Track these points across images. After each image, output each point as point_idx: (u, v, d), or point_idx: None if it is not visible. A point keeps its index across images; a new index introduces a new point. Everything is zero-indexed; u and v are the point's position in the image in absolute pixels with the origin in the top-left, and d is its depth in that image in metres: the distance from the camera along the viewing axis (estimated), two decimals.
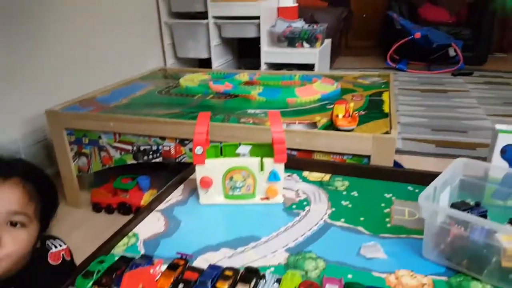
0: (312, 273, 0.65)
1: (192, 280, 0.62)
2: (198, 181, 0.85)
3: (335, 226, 0.77)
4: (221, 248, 0.73)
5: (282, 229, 0.77)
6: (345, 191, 0.90)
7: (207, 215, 0.85)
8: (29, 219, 0.72)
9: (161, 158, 1.70)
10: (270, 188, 0.84)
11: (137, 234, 0.79)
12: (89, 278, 0.64)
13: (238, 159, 0.84)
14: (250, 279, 0.61)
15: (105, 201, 1.94)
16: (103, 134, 1.74)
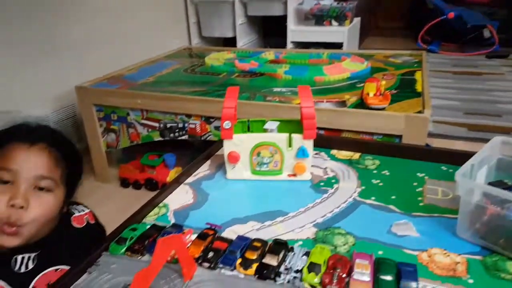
0: (341, 248, 0.64)
1: (222, 249, 0.63)
2: (226, 156, 0.85)
3: (365, 204, 0.76)
4: (248, 221, 0.73)
5: (309, 206, 0.77)
6: (376, 170, 0.89)
7: (234, 189, 0.85)
8: (55, 184, 0.73)
9: (187, 135, 1.72)
10: (298, 165, 0.83)
11: (167, 205, 0.80)
12: (122, 245, 0.66)
13: (266, 135, 0.83)
14: (278, 251, 0.61)
15: (132, 177, 1.99)
16: (131, 111, 1.76)
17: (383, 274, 0.55)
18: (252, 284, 0.57)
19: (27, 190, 0.70)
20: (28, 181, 0.70)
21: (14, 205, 0.67)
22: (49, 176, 0.72)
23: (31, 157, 0.71)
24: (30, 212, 0.69)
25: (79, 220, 0.82)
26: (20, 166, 0.69)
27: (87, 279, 0.59)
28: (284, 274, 0.58)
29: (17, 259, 0.71)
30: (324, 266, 0.58)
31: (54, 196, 0.73)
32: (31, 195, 0.70)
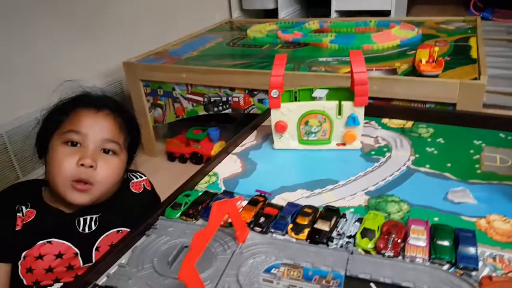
0: (395, 216, 0.63)
1: (273, 215, 0.64)
2: (273, 126, 0.85)
3: (419, 172, 0.74)
4: (297, 189, 0.73)
5: (360, 174, 0.75)
6: (430, 138, 0.85)
7: (282, 159, 0.86)
8: (120, 148, 0.77)
9: (230, 109, 1.73)
10: (348, 133, 0.82)
11: (217, 173, 0.82)
12: (177, 209, 0.68)
13: (314, 103, 0.82)
14: (330, 216, 0.61)
15: (178, 151, 2.04)
16: (176, 85, 1.79)
17: (440, 240, 0.54)
18: (305, 248, 0.58)
19: (95, 151, 0.74)
20: (96, 143, 0.74)
21: (83, 164, 0.72)
22: (114, 140, 0.76)
23: (98, 122, 0.75)
24: (99, 172, 0.74)
25: (137, 186, 0.86)
26: (88, 129, 0.74)
27: (146, 241, 0.62)
28: (337, 239, 0.58)
29: (80, 220, 0.76)
30: (378, 232, 0.57)
31: (119, 159, 0.78)
32: (98, 157, 0.74)
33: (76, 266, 0.74)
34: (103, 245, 0.76)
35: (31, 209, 0.76)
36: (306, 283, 0.52)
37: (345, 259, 0.54)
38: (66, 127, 0.75)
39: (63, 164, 0.72)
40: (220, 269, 0.55)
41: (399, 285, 0.50)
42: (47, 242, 0.73)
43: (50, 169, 0.74)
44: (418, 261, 0.53)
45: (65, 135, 0.74)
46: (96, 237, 0.76)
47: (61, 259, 0.73)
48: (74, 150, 0.73)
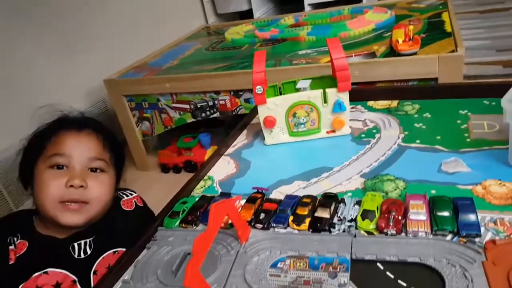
0: (393, 194, 0.63)
1: (272, 210, 0.64)
2: (262, 122, 0.85)
3: (410, 148, 0.75)
4: (294, 181, 0.73)
5: (353, 158, 0.76)
6: (417, 114, 0.86)
7: (275, 153, 0.86)
8: (107, 165, 0.77)
9: (218, 113, 1.73)
10: (336, 120, 0.82)
11: (212, 177, 0.81)
12: (175, 218, 0.68)
13: (299, 94, 0.82)
14: (329, 203, 0.61)
15: (171, 161, 2.03)
16: (160, 96, 1.79)
17: (440, 211, 0.54)
18: (308, 238, 0.57)
19: (83, 172, 0.73)
20: (82, 163, 0.73)
21: (73, 185, 0.71)
22: (100, 157, 0.75)
23: (81, 141, 0.75)
24: (91, 191, 0.73)
25: (129, 204, 0.85)
26: (73, 150, 0.73)
27: (148, 254, 0.62)
28: (338, 225, 0.58)
29: (74, 246, 0.73)
30: (378, 212, 0.57)
31: (109, 176, 0.77)
32: (87, 176, 0.73)
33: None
34: (100, 268, 0.73)
35: (23, 240, 0.73)
36: (313, 272, 0.52)
37: (349, 243, 0.54)
38: (50, 151, 0.73)
39: (51, 186, 0.71)
40: (226, 271, 0.55)
41: (405, 261, 0.50)
42: (43, 273, 0.69)
43: (38, 195, 0.72)
44: (421, 235, 0.53)
45: (50, 159, 0.72)
46: (93, 261, 0.74)
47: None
48: (60, 173, 0.72)
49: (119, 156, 0.82)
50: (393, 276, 0.49)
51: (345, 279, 0.49)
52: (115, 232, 0.78)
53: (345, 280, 0.49)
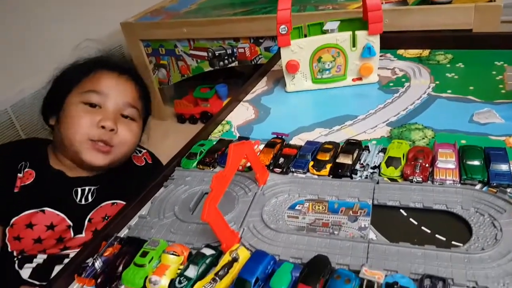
0: (420, 143, 0.60)
1: (292, 155, 0.62)
2: (284, 66, 0.81)
3: (441, 98, 0.71)
4: (315, 128, 0.71)
5: (380, 106, 0.72)
6: (449, 64, 0.81)
7: (296, 101, 0.83)
8: (138, 115, 0.76)
9: (236, 62, 1.68)
10: (364, 66, 0.78)
11: (230, 122, 0.80)
12: (193, 159, 0.67)
13: (326, 36, 0.77)
14: (352, 150, 0.59)
15: (187, 112, 2.02)
16: (178, 42, 1.74)
17: (470, 160, 0.52)
18: (328, 183, 0.56)
19: (116, 115, 0.72)
20: (117, 106, 0.72)
21: (104, 126, 0.70)
22: (135, 105, 0.75)
23: (121, 85, 0.73)
24: (120, 135, 0.72)
25: (139, 160, 0.85)
26: (110, 91, 0.72)
27: (165, 191, 0.61)
28: (361, 171, 0.56)
29: (77, 191, 0.73)
30: (404, 160, 0.55)
31: (137, 125, 0.76)
32: (119, 121, 0.72)
33: (67, 239, 0.70)
34: (96, 217, 0.73)
35: (30, 170, 0.72)
36: (332, 215, 0.50)
37: (371, 189, 0.52)
38: (87, 87, 0.72)
39: (82, 122, 0.69)
40: (243, 211, 0.54)
41: (430, 208, 0.48)
42: (40, 210, 0.69)
43: (66, 128, 0.70)
44: (449, 184, 0.50)
45: (85, 94, 0.71)
46: (91, 208, 0.73)
47: (52, 231, 0.69)
48: (94, 110, 0.71)
49: (148, 109, 0.82)
50: (417, 222, 0.47)
51: (366, 223, 0.48)
52: (121, 184, 0.77)
53: (365, 224, 0.48)
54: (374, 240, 0.45)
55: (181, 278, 0.44)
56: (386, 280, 0.38)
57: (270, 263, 0.44)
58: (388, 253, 0.43)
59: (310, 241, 0.47)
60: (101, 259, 0.48)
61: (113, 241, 0.51)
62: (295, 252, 0.46)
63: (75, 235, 0.71)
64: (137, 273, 0.45)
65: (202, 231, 0.52)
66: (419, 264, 0.41)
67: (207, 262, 0.46)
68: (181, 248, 0.47)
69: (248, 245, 0.48)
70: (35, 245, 0.68)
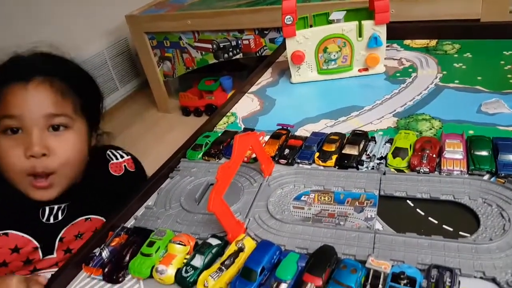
0: (427, 133, 0.60)
1: (297, 146, 0.62)
2: (289, 57, 0.81)
3: (448, 88, 0.70)
4: (321, 120, 0.70)
5: (386, 97, 0.72)
6: (457, 54, 0.80)
7: (301, 92, 0.82)
8: (70, 119, 0.62)
9: (241, 54, 1.67)
10: (370, 56, 0.77)
11: (235, 113, 0.79)
12: (198, 150, 0.67)
13: (332, 26, 0.77)
14: (358, 141, 0.59)
15: (192, 104, 2.02)
16: (182, 34, 1.73)
17: (478, 150, 0.51)
18: (334, 174, 0.56)
19: (42, 134, 0.59)
20: (38, 123, 0.59)
21: (33, 155, 0.58)
22: (58, 112, 0.61)
23: (31, 96, 0.59)
24: (55, 157, 0.60)
25: (117, 168, 0.74)
26: (23, 110, 0.59)
27: (171, 183, 0.61)
28: (367, 162, 0.56)
29: (45, 209, 0.64)
30: (411, 150, 0.54)
31: (74, 132, 0.63)
32: (48, 139, 0.60)
33: (35, 260, 0.64)
34: (68, 235, 0.65)
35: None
36: (338, 206, 0.50)
37: (377, 180, 0.52)
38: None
39: (11, 157, 0.59)
40: (248, 202, 0.54)
41: (438, 199, 0.48)
42: (3, 233, 0.61)
43: (2, 165, 0.61)
44: (456, 174, 0.50)
45: (1, 122, 0.59)
46: (61, 227, 0.65)
47: (18, 254, 0.62)
48: (17, 139, 0.59)
49: (91, 98, 0.68)
50: (424, 213, 0.47)
51: (372, 213, 0.48)
52: (94, 198, 0.69)
53: (372, 214, 0.48)
54: (381, 231, 0.45)
55: (187, 267, 0.44)
56: (392, 270, 0.38)
57: (276, 253, 0.44)
58: (395, 243, 0.43)
59: (316, 231, 0.47)
60: (108, 249, 0.48)
61: (120, 231, 0.51)
62: (300, 242, 0.46)
63: (45, 256, 0.64)
64: (144, 263, 0.45)
65: (208, 221, 0.52)
66: (426, 255, 0.41)
67: (213, 252, 0.46)
68: (187, 238, 0.47)
69: (253, 235, 0.48)
70: (0, 269, 0.62)
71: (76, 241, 0.66)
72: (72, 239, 0.66)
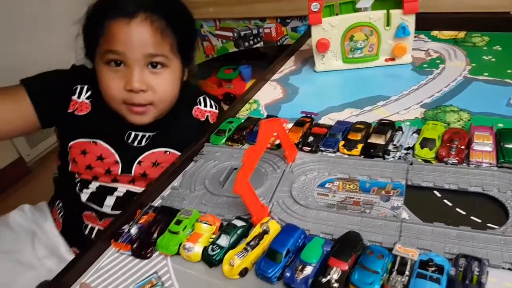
0: (455, 125, 0.59)
1: (321, 134, 0.62)
2: (314, 45, 0.80)
3: (477, 81, 0.69)
4: (345, 109, 0.70)
5: (413, 88, 0.71)
6: (486, 46, 0.79)
7: (326, 80, 0.82)
8: (167, 59, 0.67)
9: (262, 42, 1.66)
10: (398, 46, 0.76)
11: (258, 100, 0.79)
12: (222, 136, 0.67)
13: (359, 15, 0.76)
14: (385, 130, 0.58)
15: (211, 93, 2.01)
16: (204, 22, 1.73)
17: (508, 143, 0.50)
18: (359, 162, 0.55)
19: (141, 71, 0.66)
20: (139, 62, 0.65)
21: (132, 90, 0.65)
22: (158, 53, 0.66)
23: (134, 34, 0.64)
24: (153, 92, 0.67)
25: (199, 114, 0.79)
26: (126, 47, 0.64)
27: (195, 166, 0.62)
28: (394, 152, 0.55)
29: (131, 134, 0.72)
30: (439, 141, 0.54)
31: (170, 71, 0.68)
32: (146, 76, 0.66)
33: (114, 173, 0.72)
34: (146, 161, 0.73)
35: (88, 101, 0.72)
36: (364, 194, 0.50)
37: (404, 170, 0.52)
38: (104, 47, 0.65)
39: (112, 89, 0.66)
40: (272, 187, 0.54)
41: (466, 190, 0.47)
42: (93, 141, 0.71)
43: (101, 88, 0.68)
44: (485, 166, 0.49)
45: (105, 56, 0.65)
46: (142, 151, 0.73)
47: (101, 162, 0.71)
48: (118, 71, 0.66)
49: (186, 36, 0.71)
50: (451, 204, 0.47)
51: (399, 203, 0.47)
52: (176, 134, 0.75)
53: (398, 203, 0.47)
54: (407, 220, 0.45)
55: (213, 246, 0.45)
56: (420, 258, 0.38)
57: (301, 237, 0.44)
58: (422, 232, 0.42)
59: (341, 218, 0.47)
60: (136, 226, 0.49)
61: (148, 209, 0.52)
62: (325, 228, 0.46)
63: (124, 173, 0.73)
64: (172, 240, 0.46)
65: (232, 203, 0.52)
66: (454, 244, 0.40)
67: (238, 232, 0.46)
68: (213, 219, 0.48)
69: (277, 219, 0.48)
70: (87, 171, 0.72)
71: (153, 168, 0.74)
72: (149, 165, 0.73)
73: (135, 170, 0.73)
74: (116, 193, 0.74)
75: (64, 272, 0.46)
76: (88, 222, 0.75)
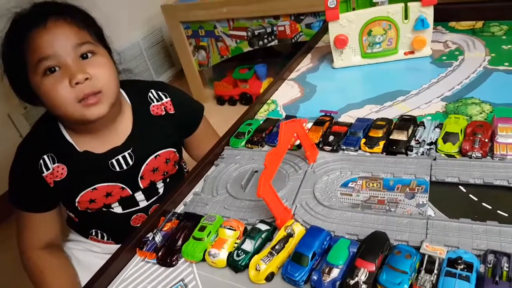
0: (477, 117, 0.58)
1: (342, 132, 0.61)
2: (332, 41, 0.80)
3: (498, 71, 0.67)
4: (365, 105, 0.69)
5: (433, 81, 0.70)
6: (505, 36, 0.77)
7: (344, 77, 0.81)
8: (93, 45, 0.69)
9: (276, 40, 1.66)
10: (417, 39, 0.75)
11: (276, 101, 0.79)
12: (241, 138, 0.68)
13: (377, 9, 0.75)
14: (406, 126, 0.57)
15: (227, 93, 2.03)
16: (217, 23, 1.74)
17: None
18: (382, 160, 0.55)
19: (78, 63, 0.66)
20: (71, 55, 0.66)
21: (78, 82, 0.65)
22: (83, 41, 0.67)
23: (56, 34, 0.66)
24: (97, 78, 0.67)
25: (158, 110, 0.79)
26: (53, 48, 0.65)
27: (216, 170, 0.63)
28: (416, 148, 0.55)
29: (113, 162, 0.74)
30: (462, 135, 0.53)
31: (101, 56, 0.70)
32: (84, 66, 0.66)
33: (126, 195, 0.78)
34: (146, 173, 0.77)
35: (61, 164, 0.73)
36: (388, 193, 0.50)
37: (428, 166, 0.51)
38: (33, 58, 0.66)
39: (59, 93, 0.65)
40: (294, 188, 0.54)
41: (491, 184, 0.46)
42: (93, 189, 0.74)
43: (52, 106, 0.68)
44: (510, 159, 0.48)
45: (38, 67, 0.65)
46: (138, 168, 0.76)
47: (112, 196, 0.76)
48: (57, 76, 0.66)
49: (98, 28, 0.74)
50: (477, 199, 0.46)
51: (424, 199, 0.47)
52: (149, 139, 0.77)
53: (423, 200, 0.47)
54: (433, 217, 0.44)
55: (238, 251, 0.45)
56: (448, 255, 0.38)
57: (326, 239, 0.44)
58: (449, 229, 0.42)
59: (366, 217, 0.47)
60: (160, 233, 0.50)
61: (171, 216, 0.53)
62: (350, 228, 0.46)
63: (134, 192, 0.78)
64: (197, 247, 0.47)
65: (255, 207, 0.53)
66: (481, 240, 0.40)
67: (263, 236, 0.47)
68: (236, 223, 0.49)
69: (301, 221, 0.48)
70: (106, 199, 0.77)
71: (154, 173, 0.79)
72: (150, 174, 0.78)
73: (142, 184, 0.78)
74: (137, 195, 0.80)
75: (91, 283, 0.46)
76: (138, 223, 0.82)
